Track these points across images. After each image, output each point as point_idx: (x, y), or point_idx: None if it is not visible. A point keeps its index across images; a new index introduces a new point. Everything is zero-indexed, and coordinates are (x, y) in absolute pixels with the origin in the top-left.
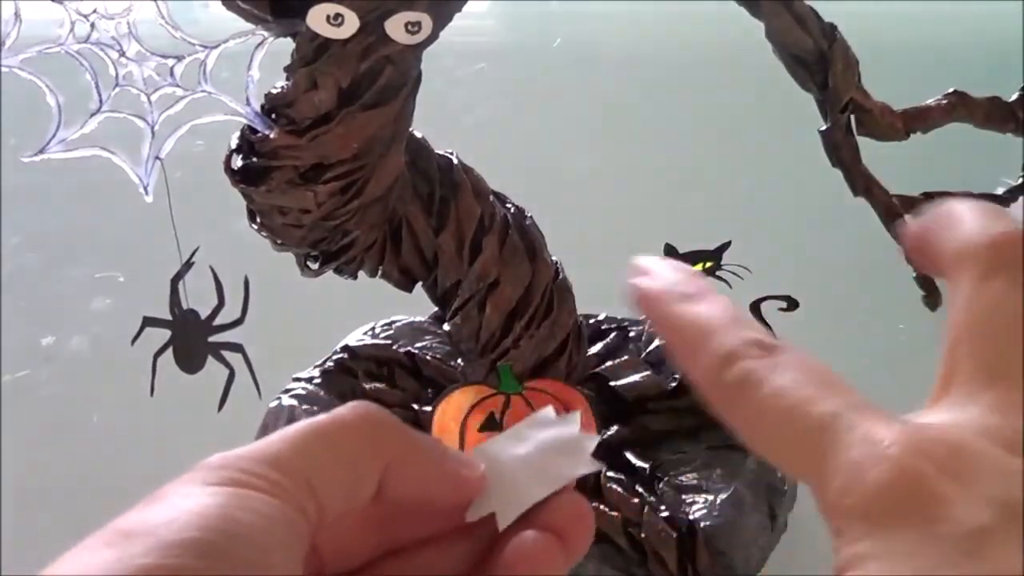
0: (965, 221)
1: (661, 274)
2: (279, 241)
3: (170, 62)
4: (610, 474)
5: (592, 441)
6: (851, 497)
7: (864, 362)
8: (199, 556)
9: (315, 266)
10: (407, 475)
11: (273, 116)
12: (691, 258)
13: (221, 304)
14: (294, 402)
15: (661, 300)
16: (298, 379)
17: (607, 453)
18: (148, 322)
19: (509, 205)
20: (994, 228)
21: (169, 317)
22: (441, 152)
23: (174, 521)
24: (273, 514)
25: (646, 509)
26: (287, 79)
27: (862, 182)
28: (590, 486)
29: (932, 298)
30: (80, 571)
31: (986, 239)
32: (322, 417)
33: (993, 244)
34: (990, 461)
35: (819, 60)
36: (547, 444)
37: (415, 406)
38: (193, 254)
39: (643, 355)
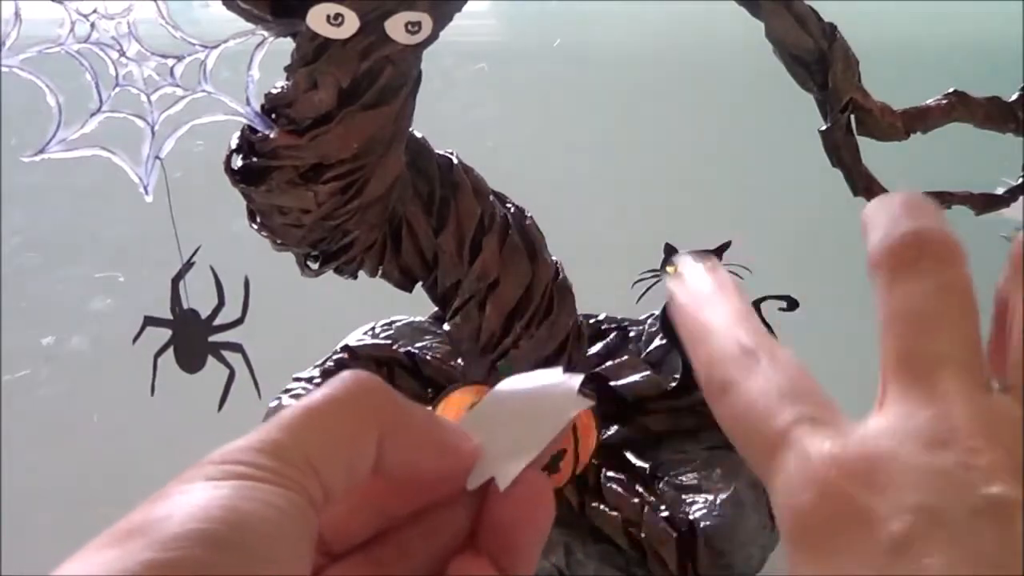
0: (875, 226)
1: (689, 278)
2: (279, 241)
3: (170, 62)
4: (610, 474)
5: (576, 379)
6: (789, 521)
7: (864, 361)
8: (203, 546)
9: (315, 266)
10: (401, 444)
11: (273, 116)
12: None
13: (221, 304)
14: (294, 402)
15: (686, 307)
16: (298, 379)
17: (607, 453)
18: (149, 322)
19: (509, 205)
20: (896, 230)
21: (170, 317)
22: (441, 152)
23: (175, 515)
24: (280, 503)
25: (646, 509)
26: (287, 79)
27: (862, 182)
28: (590, 486)
29: None
30: (83, 571)
31: (887, 245)
32: (316, 397)
33: (893, 250)
34: (910, 468)
35: (819, 60)
36: (534, 394)
37: None
38: (194, 254)
39: (643, 355)
